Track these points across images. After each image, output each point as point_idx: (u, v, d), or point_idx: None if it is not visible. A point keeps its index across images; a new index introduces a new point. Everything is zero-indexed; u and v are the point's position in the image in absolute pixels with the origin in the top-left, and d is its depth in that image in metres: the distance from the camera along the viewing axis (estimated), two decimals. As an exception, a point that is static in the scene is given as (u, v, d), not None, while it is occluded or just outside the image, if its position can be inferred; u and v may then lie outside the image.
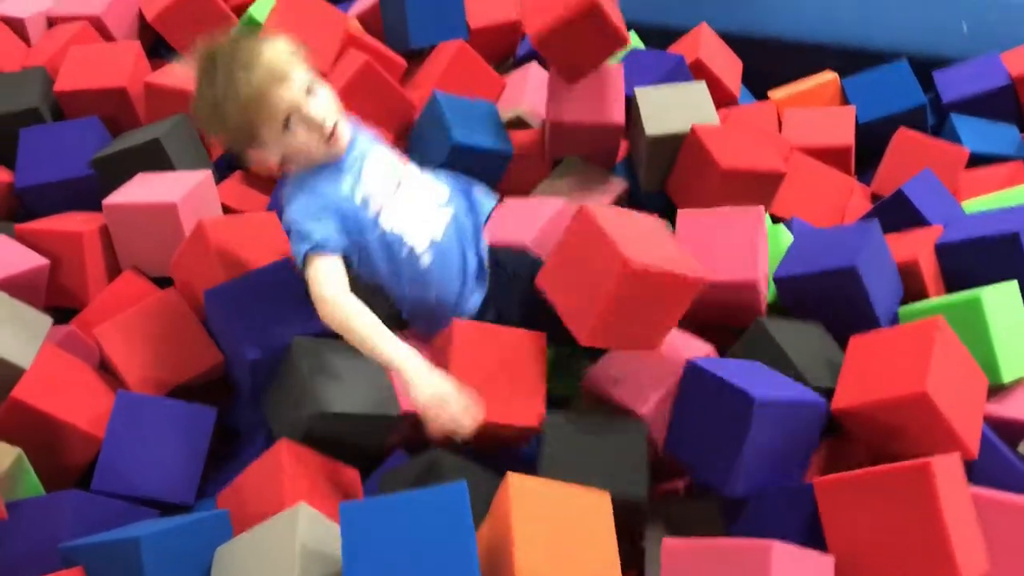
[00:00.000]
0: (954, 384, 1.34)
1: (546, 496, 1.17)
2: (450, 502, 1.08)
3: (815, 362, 1.49)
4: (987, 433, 1.38)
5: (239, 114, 1.39)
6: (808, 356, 1.49)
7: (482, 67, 2.24)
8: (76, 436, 1.54)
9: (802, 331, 1.56)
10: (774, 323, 1.53)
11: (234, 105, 1.38)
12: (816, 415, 1.38)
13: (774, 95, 2.45)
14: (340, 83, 2.08)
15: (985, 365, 1.46)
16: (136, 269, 1.83)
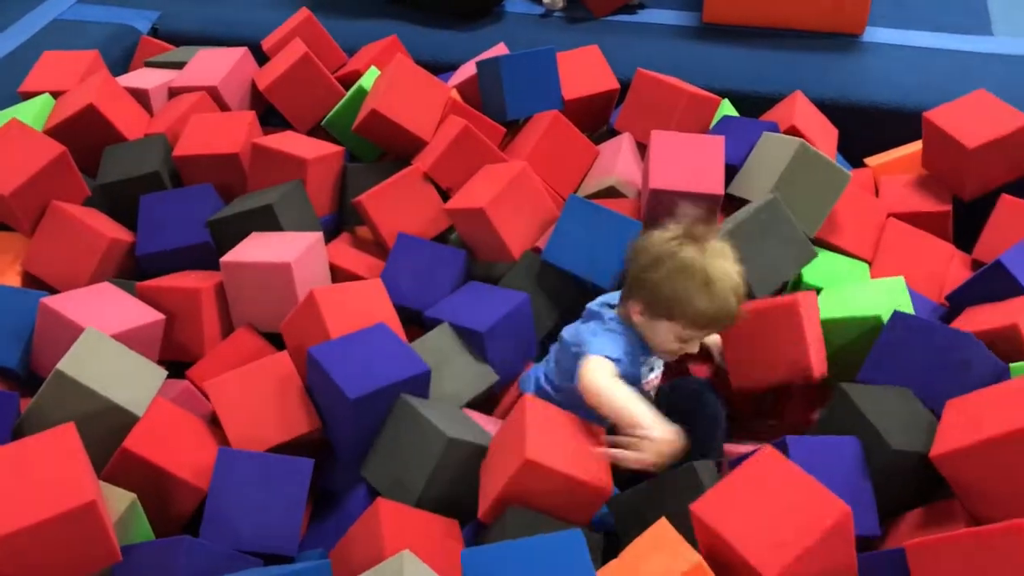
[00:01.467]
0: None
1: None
2: (570, 547, 1.10)
3: (901, 424, 1.48)
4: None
5: (719, 310, 1.55)
6: (894, 419, 1.49)
7: (576, 136, 2.29)
8: (182, 487, 1.61)
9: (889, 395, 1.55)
10: (856, 389, 1.54)
11: (724, 304, 1.55)
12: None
13: (871, 162, 2.44)
14: (441, 147, 2.16)
15: None
16: (249, 326, 1.91)
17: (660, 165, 2.02)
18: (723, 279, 1.55)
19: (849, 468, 1.45)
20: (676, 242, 1.58)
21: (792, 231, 1.90)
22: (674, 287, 1.55)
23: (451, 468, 1.51)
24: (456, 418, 1.61)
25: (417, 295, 1.96)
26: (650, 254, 1.60)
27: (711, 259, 1.56)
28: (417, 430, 1.53)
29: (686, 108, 2.30)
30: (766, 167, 2.03)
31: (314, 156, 2.16)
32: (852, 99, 2.58)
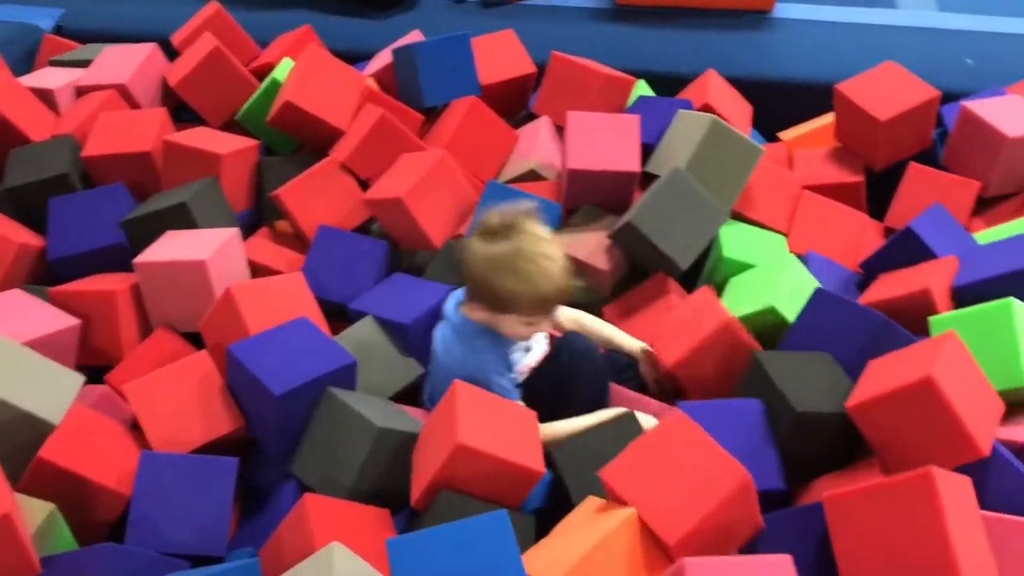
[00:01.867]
0: (965, 389, 1.38)
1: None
2: (494, 530, 1.11)
3: (810, 388, 1.52)
4: (1009, 458, 1.39)
5: (544, 292, 1.58)
6: (804, 383, 1.53)
7: (495, 121, 2.30)
8: (104, 494, 1.57)
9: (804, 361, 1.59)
10: (769, 356, 1.59)
11: (547, 285, 1.58)
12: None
13: (784, 136, 2.49)
14: (358, 136, 2.14)
15: (1009, 369, 1.51)
16: (168, 327, 1.87)
17: (577, 146, 2.03)
18: (534, 260, 1.58)
19: (750, 429, 1.49)
20: (484, 241, 1.61)
21: (700, 198, 1.93)
22: (494, 284, 1.59)
23: (382, 458, 1.50)
24: (384, 408, 1.60)
25: (339, 288, 1.94)
26: (468, 257, 1.63)
27: (520, 245, 1.59)
28: (345, 422, 1.52)
29: (602, 89, 2.32)
30: (680, 144, 2.06)
31: (228, 151, 2.13)
32: (764, 75, 2.63)
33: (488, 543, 1.12)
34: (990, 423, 1.41)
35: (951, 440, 1.35)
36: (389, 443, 1.51)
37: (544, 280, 1.58)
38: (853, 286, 1.99)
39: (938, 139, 2.35)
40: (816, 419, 1.46)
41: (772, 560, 1.16)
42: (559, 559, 1.22)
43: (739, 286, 1.90)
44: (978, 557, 1.20)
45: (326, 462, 1.54)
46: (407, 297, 1.88)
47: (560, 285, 1.60)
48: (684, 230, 1.90)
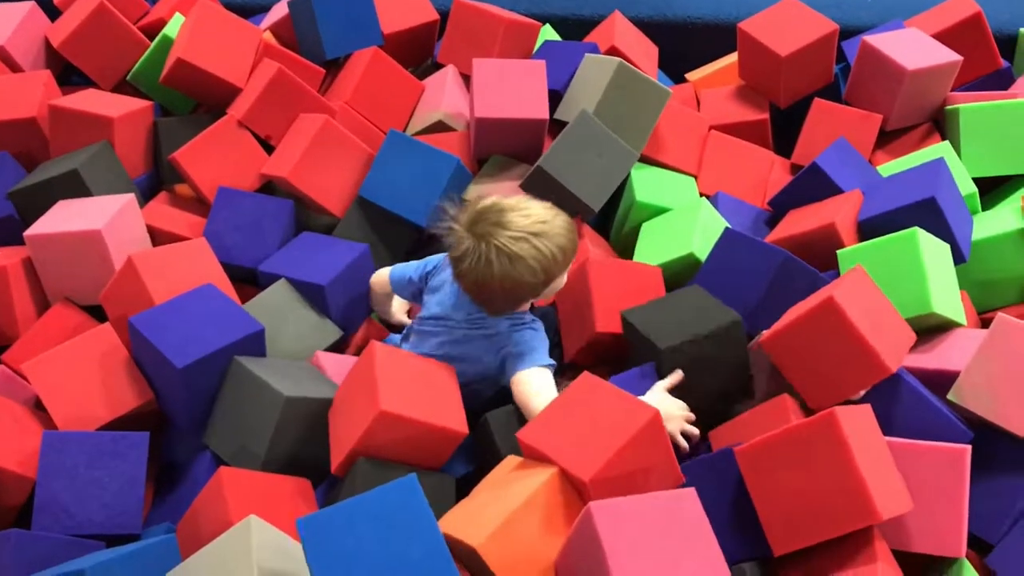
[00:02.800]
0: (871, 314, 1.42)
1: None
2: (406, 495, 1.09)
3: (675, 324, 1.54)
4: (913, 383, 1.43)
5: (563, 260, 1.50)
6: (669, 322, 1.55)
7: (399, 72, 2.24)
8: (7, 477, 1.51)
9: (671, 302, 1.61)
10: (634, 311, 1.59)
11: (563, 255, 1.49)
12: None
13: (691, 77, 2.49)
14: (255, 93, 2.07)
15: (917, 297, 1.55)
16: (67, 300, 1.80)
17: (484, 94, 1.99)
18: (524, 239, 1.47)
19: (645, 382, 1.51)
20: (471, 251, 1.47)
21: (609, 141, 1.92)
22: (509, 283, 1.47)
23: (294, 426, 1.47)
24: (295, 374, 1.56)
25: (245, 251, 1.88)
26: (478, 277, 1.48)
27: (499, 233, 1.46)
28: (254, 392, 1.48)
29: (506, 35, 2.28)
30: (588, 89, 2.04)
31: (120, 114, 2.03)
32: (669, 16, 2.62)
33: (401, 510, 1.10)
34: (898, 345, 1.45)
35: (859, 361, 1.40)
36: (299, 411, 1.47)
37: (548, 246, 1.47)
38: (763, 224, 2.01)
39: (841, 74, 2.38)
40: (684, 350, 1.48)
41: (677, 494, 1.18)
42: (484, 519, 1.22)
43: (653, 231, 1.90)
44: (888, 486, 1.24)
45: (238, 433, 1.50)
46: (319, 257, 1.84)
47: (563, 240, 1.50)
48: (595, 173, 1.89)
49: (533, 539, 1.22)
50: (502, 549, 1.19)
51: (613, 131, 1.94)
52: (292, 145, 2.00)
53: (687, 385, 1.48)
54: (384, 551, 1.08)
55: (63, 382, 1.59)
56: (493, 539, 1.18)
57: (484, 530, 1.19)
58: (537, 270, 1.47)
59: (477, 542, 1.18)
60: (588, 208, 1.90)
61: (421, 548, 1.08)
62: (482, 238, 1.46)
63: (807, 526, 1.23)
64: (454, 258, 1.50)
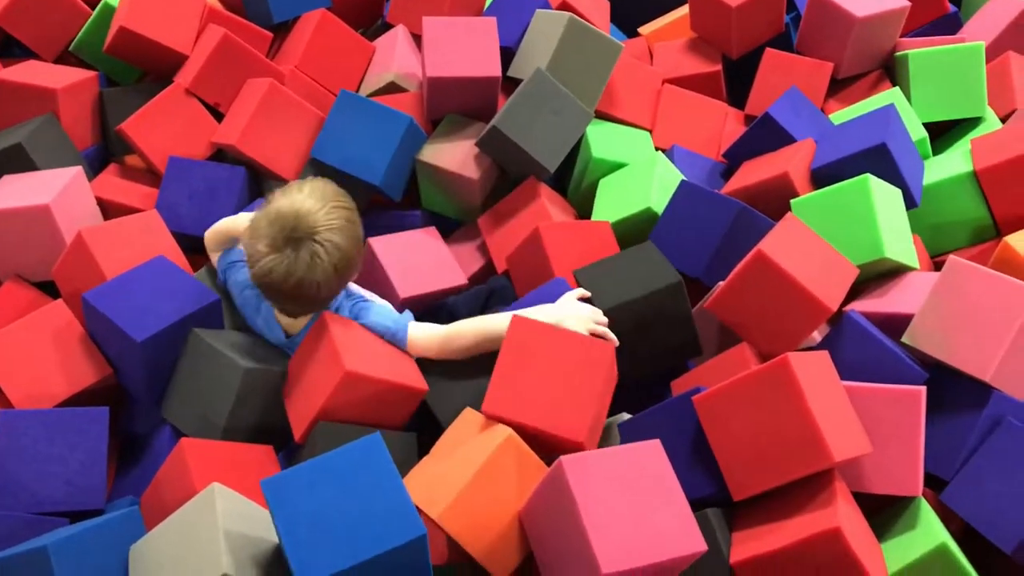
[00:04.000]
0: (805, 259, 1.45)
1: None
2: (370, 452, 1.10)
3: (622, 282, 1.55)
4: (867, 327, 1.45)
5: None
6: (612, 281, 1.56)
7: (348, 34, 2.21)
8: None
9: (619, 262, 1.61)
10: (584, 271, 1.59)
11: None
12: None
13: (644, 31, 2.48)
14: (201, 59, 2.03)
15: (869, 243, 1.58)
16: (18, 277, 1.76)
17: (435, 53, 1.97)
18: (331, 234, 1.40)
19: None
20: (271, 251, 1.39)
21: (564, 99, 1.91)
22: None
23: (252, 397, 1.47)
24: (250, 347, 1.55)
25: (199, 221, 1.86)
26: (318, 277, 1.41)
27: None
28: (212, 364, 1.47)
29: (456, -8, 2.25)
30: (539, 45, 2.03)
31: (64, 85, 1.99)
32: (620, -31, 2.59)
33: (366, 467, 1.11)
34: (839, 284, 1.48)
35: (800, 306, 1.43)
36: (258, 382, 1.47)
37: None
38: (718, 176, 2.02)
39: (792, 24, 2.38)
40: (624, 309, 1.48)
41: (642, 446, 1.20)
42: (446, 481, 1.22)
43: (610, 187, 1.91)
44: (845, 429, 1.26)
45: (197, 405, 1.50)
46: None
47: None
48: (550, 132, 1.89)
49: (493, 503, 1.23)
50: (461, 518, 1.21)
51: (566, 87, 1.93)
52: (239, 112, 1.97)
53: (630, 342, 1.49)
54: (350, 507, 1.09)
55: (18, 360, 1.56)
56: (452, 509, 1.20)
57: (443, 500, 1.20)
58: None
59: (435, 513, 1.19)
60: (544, 168, 1.89)
61: (387, 504, 1.09)
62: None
63: (765, 471, 1.25)
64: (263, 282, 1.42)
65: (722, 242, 1.64)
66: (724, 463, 1.28)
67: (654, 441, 1.20)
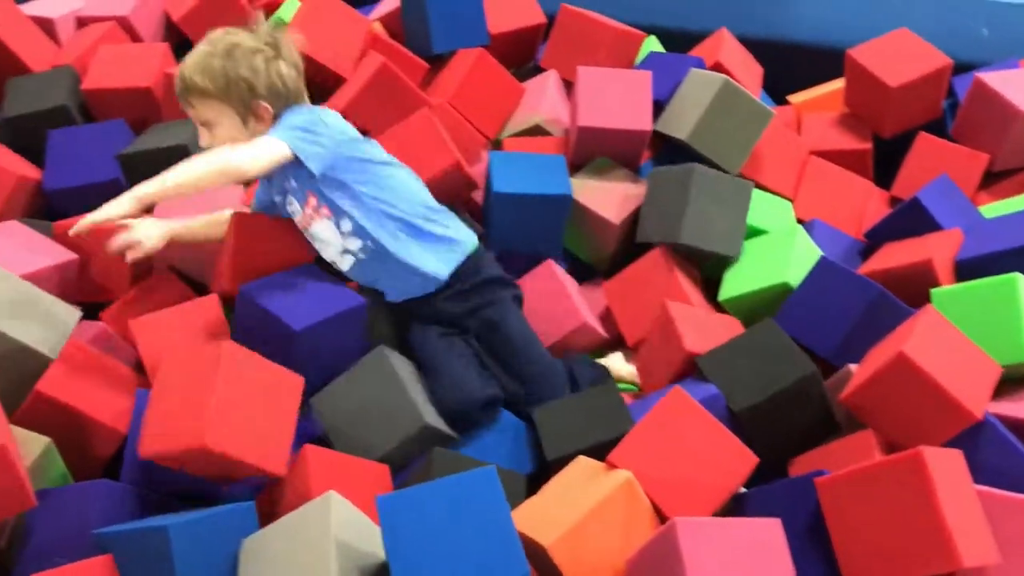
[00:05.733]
0: (949, 359, 1.39)
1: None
2: (483, 485, 1.11)
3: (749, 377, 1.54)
4: (1005, 433, 1.40)
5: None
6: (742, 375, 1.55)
7: (501, 74, 2.26)
8: (100, 430, 1.56)
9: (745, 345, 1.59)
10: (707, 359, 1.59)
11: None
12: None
13: (794, 100, 2.46)
14: (358, 85, 2.11)
15: (1012, 344, 1.50)
16: (171, 269, 1.85)
17: (587, 102, 2.00)
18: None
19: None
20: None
21: (725, 182, 1.89)
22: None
23: (413, 447, 1.52)
24: (422, 388, 1.61)
25: None
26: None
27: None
28: (392, 396, 1.53)
29: (612, 44, 2.29)
30: (691, 104, 2.03)
31: (231, 90, 2.09)
32: (777, 37, 2.59)
33: (477, 499, 1.12)
34: (983, 389, 1.42)
35: (942, 410, 1.37)
36: (425, 437, 1.52)
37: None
38: (856, 254, 1.98)
39: (948, 110, 2.33)
40: (760, 407, 1.48)
41: (761, 522, 1.18)
42: (554, 519, 1.23)
43: (747, 253, 1.89)
44: (974, 533, 1.21)
45: (355, 419, 1.54)
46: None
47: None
48: (724, 220, 1.87)
49: (603, 543, 1.23)
50: (572, 550, 1.21)
51: (713, 149, 1.94)
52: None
53: (765, 429, 1.48)
54: (459, 537, 1.10)
55: (164, 342, 1.64)
56: (564, 540, 1.20)
57: (555, 530, 1.21)
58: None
59: (548, 541, 1.19)
60: (732, 257, 1.89)
61: (494, 538, 1.10)
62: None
63: (885, 565, 1.20)
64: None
65: (856, 324, 1.60)
66: (842, 551, 1.24)
67: (774, 520, 1.17)
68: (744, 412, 1.48)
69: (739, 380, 1.51)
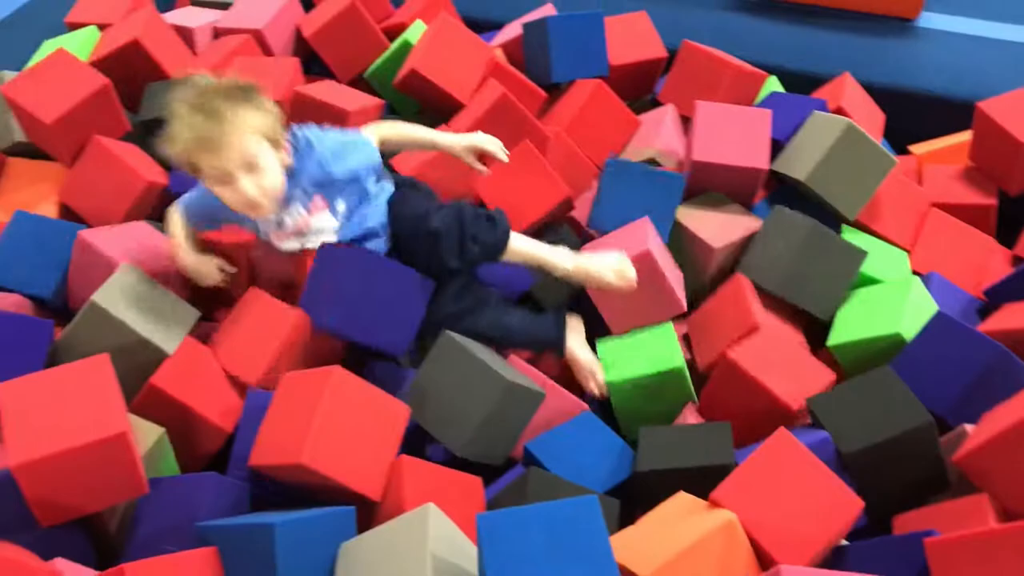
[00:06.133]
0: None
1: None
2: (585, 513, 1.11)
3: (861, 421, 1.50)
4: None
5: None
6: (854, 418, 1.52)
7: (619, 107, 2.27)
8: (206, 426, 1.62)
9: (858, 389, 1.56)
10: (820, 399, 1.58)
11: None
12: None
13: (916, 149, 2.41)
14: (477, 113, 2.14)
15: None
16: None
17: (704, 137, 1.99)
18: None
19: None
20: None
21: (832, 240, 1.86)
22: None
23: (508, 410, 1.54)
24: (498, 360, 1.64)
25: None
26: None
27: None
28: (470, 369, 1.54)
29: (732, 82, 2.28)
30: (812, 145, 2.00)
31: (356, 108, 2.15)
32: (901, 85, 2.54)
33: (579, 526, 1.12)
34: None
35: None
36: (514, 399, 1.54)
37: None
38: (974, 312, 1.92)
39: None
40: (869, 453, 1.44)
41: None
42: (652, 551, 1.22)
43: (859, 301, 1.85)
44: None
45: (441, 404, 1.56)
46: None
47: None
48: (823, 283, 1.85)
49: (699, 577, 1.21)
50: (668, 583, 1.19)
51: (831, 192, 1.90)
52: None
53: (873, 479, 1.44)
54: (557, 562, 1.09)
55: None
56: (661, 573, 1.19)
57: (653, 562, 1.20)
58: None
59: (645, 573, 1.18)
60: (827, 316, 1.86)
61: (593, 567, 1.09)
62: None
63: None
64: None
65: (973, 383, 1.55)
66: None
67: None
68: (852, 456, 1.44)
69: (850, 424, 1.47)
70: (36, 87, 2.02)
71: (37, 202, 2.03)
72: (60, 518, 1.35)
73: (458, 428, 1.53)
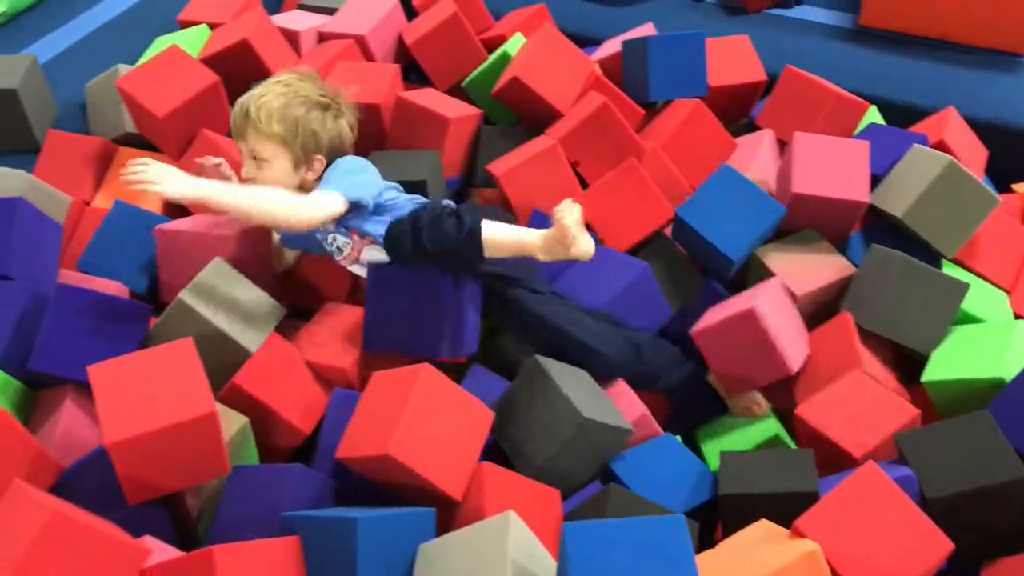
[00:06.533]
0: None
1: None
2: (671, 532, 1.10)
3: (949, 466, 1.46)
4: None
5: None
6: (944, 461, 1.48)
7: (716, 128, 2.26)
8: (285, 427, 1.66)
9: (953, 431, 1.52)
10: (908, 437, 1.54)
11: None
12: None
13: (1019, 188, 2.34)
14: (576, 120, 2.15)
15: None
16: None
17: (803, 168, 1.96)
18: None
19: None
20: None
21: (928, 275, 1.82)
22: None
23: (581, 444, 1.53)
24: (589, 389, 1.63)
25: None
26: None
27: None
28: (550, 398, 1.54)
29: (832, 110, 2.25)
30: (911, 181, 1.96)
31: (456, 116, 2.18)
32: (1006, 121, 2.47)
33: (665, 544, 1.12)
34: None
35: None
36: (589, 433, 1.53)
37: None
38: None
39: None
40: (954, 502, 1.40)
41: None
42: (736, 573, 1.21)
43: (959, 340, 1.80)
44: None
45: (521, 429, 1.57)
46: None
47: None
48: (923, 318, 1.82)
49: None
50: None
51: (929, 230, 1.87)
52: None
53: (961, 525, 1.40)
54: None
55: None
56: (740, 600, 1.18)
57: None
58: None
59: None
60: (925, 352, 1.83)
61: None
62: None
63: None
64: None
65: None
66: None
67: None
68: (937, 501, 1.41)
69: (939, 467, 1.44)
70: (150, 82, 2.10)
71: (142, 193, 2.08)
72: (147, 495, 1.40)
73: (529, 456, 1.54)
